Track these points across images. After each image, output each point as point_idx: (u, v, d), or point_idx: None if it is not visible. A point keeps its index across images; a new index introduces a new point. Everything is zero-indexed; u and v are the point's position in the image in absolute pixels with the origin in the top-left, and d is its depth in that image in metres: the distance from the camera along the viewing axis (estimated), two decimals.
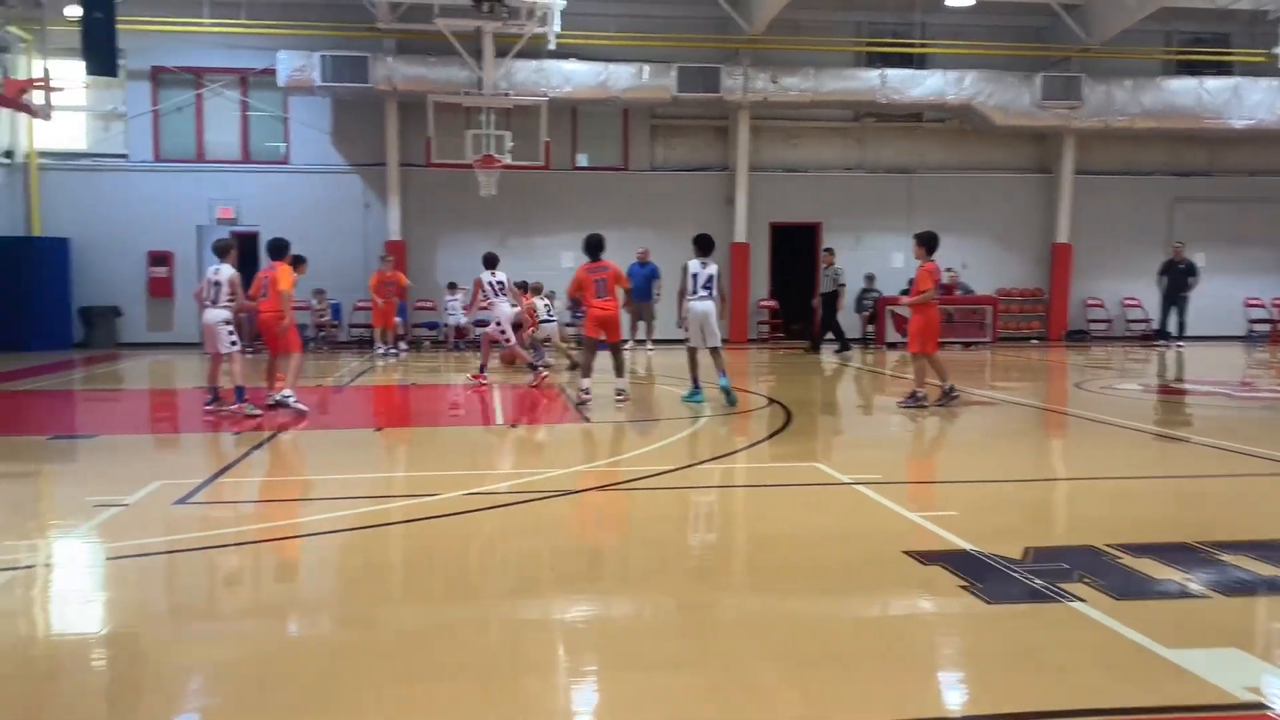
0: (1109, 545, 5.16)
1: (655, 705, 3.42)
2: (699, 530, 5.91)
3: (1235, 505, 6.55)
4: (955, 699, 3.56)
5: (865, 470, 7.26)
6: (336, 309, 20.47)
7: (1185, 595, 4.49)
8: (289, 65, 19.28)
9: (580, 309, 13.44)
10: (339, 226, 20.80)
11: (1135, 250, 22.49)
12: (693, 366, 11.20)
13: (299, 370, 10.92)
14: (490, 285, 13.33)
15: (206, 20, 19.57)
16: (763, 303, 22.22)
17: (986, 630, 4.13)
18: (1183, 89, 21.43)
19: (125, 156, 20.69)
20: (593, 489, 6.93)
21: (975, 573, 4.74)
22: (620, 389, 11.12)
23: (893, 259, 21.81)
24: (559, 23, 18.24)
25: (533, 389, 12.58)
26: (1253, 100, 21.32)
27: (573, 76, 20.12)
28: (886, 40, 21.60)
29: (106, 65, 15.51)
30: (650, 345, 19.35)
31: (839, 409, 12.26)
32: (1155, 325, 21.16)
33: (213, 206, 20.76)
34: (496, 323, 13.23)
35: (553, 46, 18.87)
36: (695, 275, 10.87)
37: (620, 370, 11.21)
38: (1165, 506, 6.63)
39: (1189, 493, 7.07)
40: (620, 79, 20.15)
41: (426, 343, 20.72)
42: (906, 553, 5.09)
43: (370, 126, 20.86)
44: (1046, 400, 12.72)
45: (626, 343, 15.80)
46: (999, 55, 21.46)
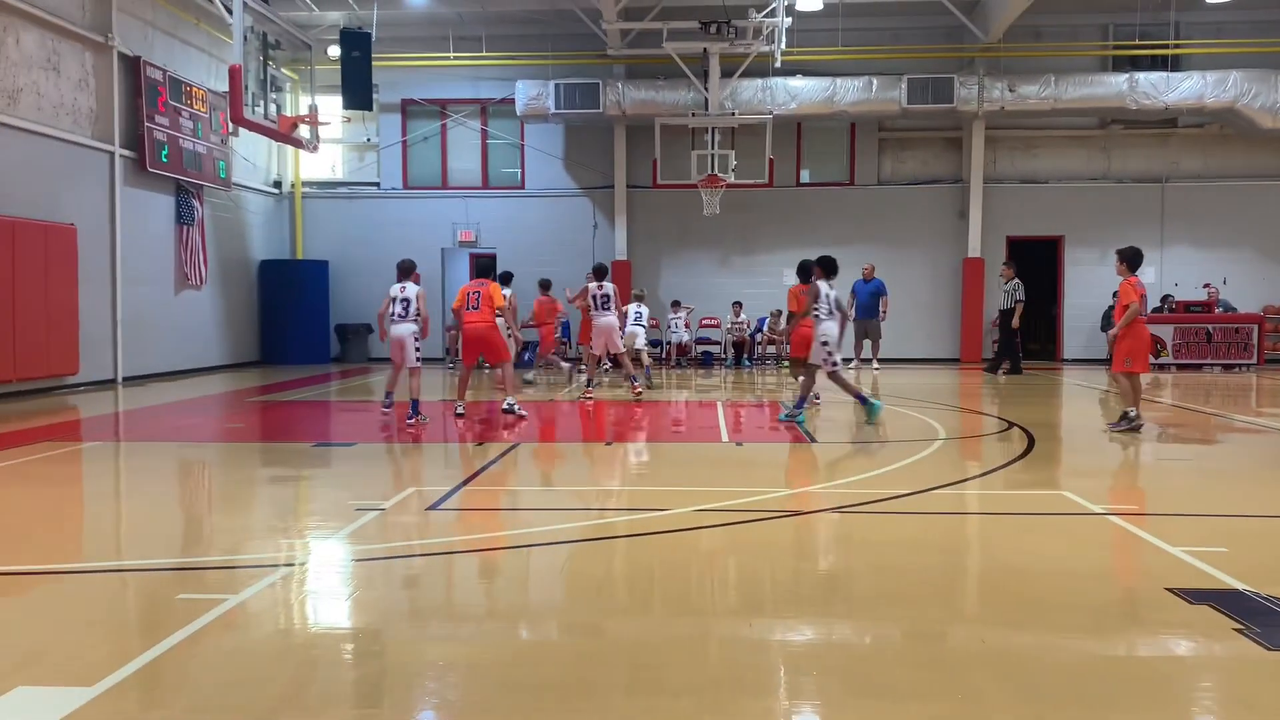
0: None
1: None
2: (937, 557, 5.66)
3: None
4: None
5: (1117, 500, 6.78)
6: (565, 327, 21.17)
7: None
8: (525, 94, 20.26)
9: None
10: (569, 247, 21.61)
11: None
12: (844, 388, 11.20)
13: (514, 378, 11.62)
14: (595, 297, 13.50)
15: (451, 55, 20.89)
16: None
17: (1267, 678, 3.74)
18: None
19: (377, 184, 22.37)
20: (827, 509, 6.80)
21: (1250, 614, 4.31)
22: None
23: (1144, 274, 20.29)
24: (785, 41, 18.23)
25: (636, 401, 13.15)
26: None
27: (798, 93, 20.04)
28: (1135, 42, 20.25)
29: (363, 100, 16.86)
30: (876, 365, 18.91)
31: (1076, 432, 11.52)
32: None
33: (455, 230, 22.09)
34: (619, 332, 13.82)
35: (779, 64, 18.87)
36: (828, 296, 10.85)
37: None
38: None
39: None
40: (848, 93, 19.89)
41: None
42: (1170, 590, 4.69)
43: (599, 150, 21.61)
44: None
45: (850, 361, 15.46)
46: (1266, 53, 19.68)
